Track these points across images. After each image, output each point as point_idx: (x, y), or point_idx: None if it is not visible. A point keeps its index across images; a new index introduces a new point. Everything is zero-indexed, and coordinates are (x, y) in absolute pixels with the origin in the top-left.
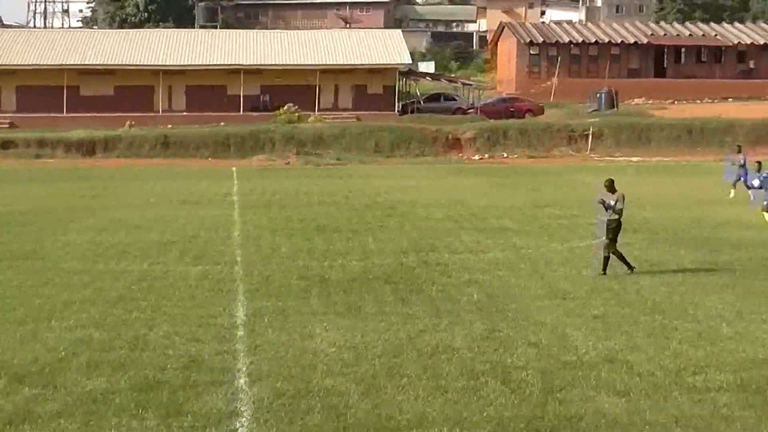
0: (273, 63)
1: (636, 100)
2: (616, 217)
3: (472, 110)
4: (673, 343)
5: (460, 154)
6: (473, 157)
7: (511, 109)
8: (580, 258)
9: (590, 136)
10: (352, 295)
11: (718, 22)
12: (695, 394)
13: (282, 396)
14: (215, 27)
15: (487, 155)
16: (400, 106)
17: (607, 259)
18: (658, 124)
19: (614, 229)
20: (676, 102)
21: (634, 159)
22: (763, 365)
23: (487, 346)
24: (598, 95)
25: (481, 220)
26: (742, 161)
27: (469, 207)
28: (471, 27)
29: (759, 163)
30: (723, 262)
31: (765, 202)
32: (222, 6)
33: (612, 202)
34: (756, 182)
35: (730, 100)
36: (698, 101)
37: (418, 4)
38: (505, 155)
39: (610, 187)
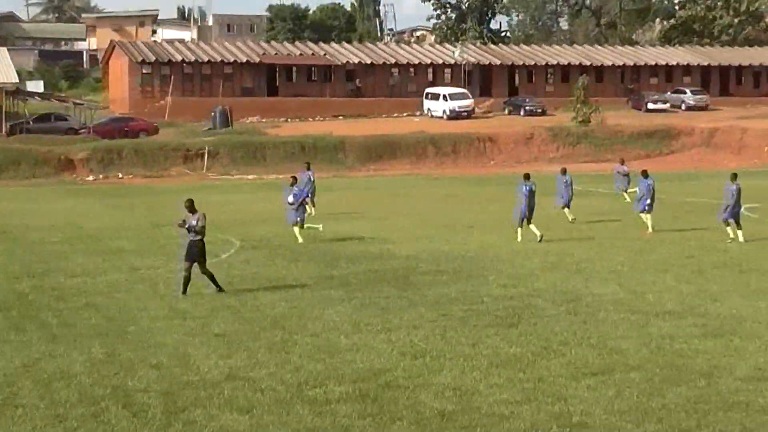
0: None
1: (250, 119)
2: (200, 237)
3: (84, 130)
4: (293, 357)
5: (74, 175)
6: (87, 178)
7: (125, 129)
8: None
9: (206, 155)
10: None
11: (327, 42)
12: (316, 406)
13: None
14: None
15: (101, 176)
16: (8, 127)
17: (187, 279)
18: (272, 142)
19: (200, 249)
20: (289, 120)
21: (250, 177)
22: (379, 374)
23: (107, 371)
24: (212, 114)
25: (97, 242)
26: (311, 177)
27: (84, 229)
28: (81, 45)
29: (294, 177)
30: (340, 276)
31: (297, 219)
32: None
33: (194, 222)
34: (290, 198)
35: (341, 117)
36: (310, 119)
37: (23, 21)
38: (121, 175)
39: (191, 207)
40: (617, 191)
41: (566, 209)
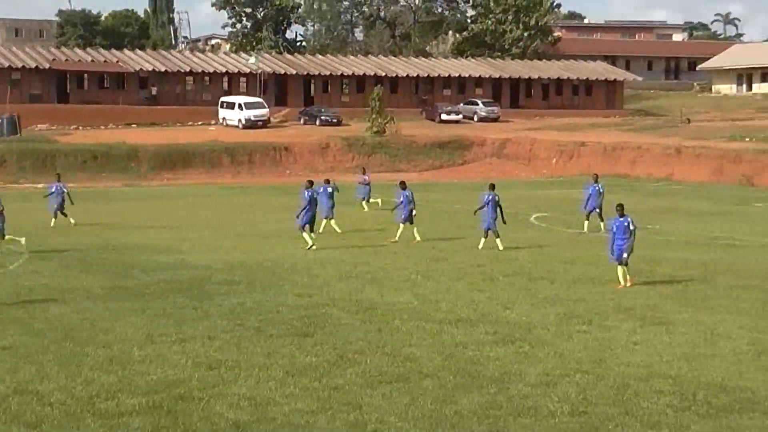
0: None
1: (39, 126)
2: None
3: None
4: (84, 369)
5: None
6: None
7: None
8: None
9: None
10: None
11: (120, 48)
12: (108, 420)
13: None
14: None
15: None
16: None
17: None
18: (63, 150)
19: None
20: (80, 127)
21: (40, 185)
22: (173, 386)
23: None
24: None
25: None
26: (62, 188)
27: None
28: None
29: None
30: (133, 287)
31: None
32: None
33: None
34: None
35: (134, 125)
36: (103, 127)
37: None
38: None
39: None
40: (356, 199)
41: (331, 221)
